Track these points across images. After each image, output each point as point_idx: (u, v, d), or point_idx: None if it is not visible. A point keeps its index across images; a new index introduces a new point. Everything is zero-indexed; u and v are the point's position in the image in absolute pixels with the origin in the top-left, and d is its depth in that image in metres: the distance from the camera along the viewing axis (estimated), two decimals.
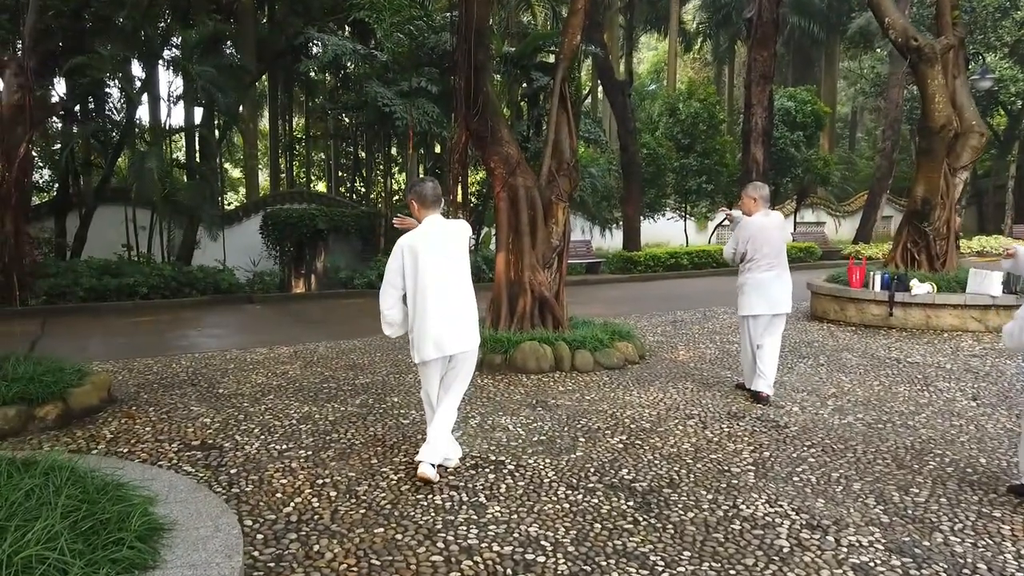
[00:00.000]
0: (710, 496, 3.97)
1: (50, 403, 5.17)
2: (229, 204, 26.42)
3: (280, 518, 3.64)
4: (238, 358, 7.84)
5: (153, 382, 6.69)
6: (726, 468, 4.39)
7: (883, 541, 3.45)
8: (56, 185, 17.22)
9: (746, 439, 4.93)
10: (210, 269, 14.81)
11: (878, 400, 5.96)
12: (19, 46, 13.53)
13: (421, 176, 4.53)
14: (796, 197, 25.30)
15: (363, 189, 29.46)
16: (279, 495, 3.91)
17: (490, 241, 19.03)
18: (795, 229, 25.30)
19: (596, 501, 3.89)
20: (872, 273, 9.58)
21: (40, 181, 17.91)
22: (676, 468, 4.38)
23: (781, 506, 3.84)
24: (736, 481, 4.18)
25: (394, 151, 23.31)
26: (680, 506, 3.84)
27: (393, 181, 27.79)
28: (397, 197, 26.27)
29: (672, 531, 3.55)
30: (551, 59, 19.45)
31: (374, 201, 25.80)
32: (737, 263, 6.01)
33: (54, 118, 16.45)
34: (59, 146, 15.68)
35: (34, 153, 16.86)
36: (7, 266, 9.61)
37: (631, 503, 3.87)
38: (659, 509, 3.80)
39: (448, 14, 16.51)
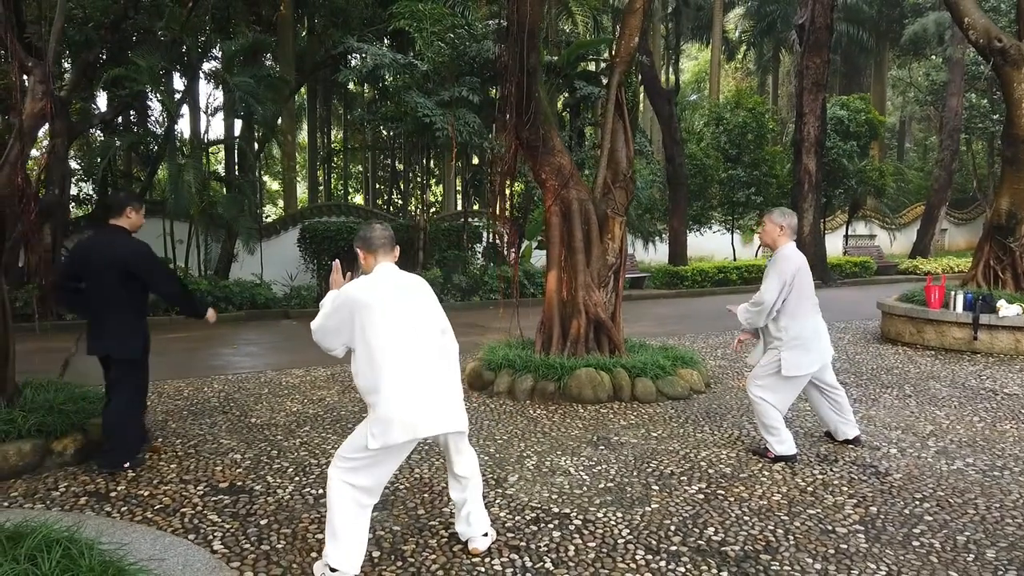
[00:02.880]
0: (818, 565, 3.35)
1: (69, 436, 4.75)
2: (267, 217, 26.31)
3: None
4: (273, 381, 7.40)
5: (183, 408, 6.26)
6: (829, 527, 3.76)
7: None
8: (95, 198, 17.16)
9: (845, 489, 4.29)
10: (247, 283, 14.52)
11: (985, 440, 5.27)
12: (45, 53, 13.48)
13: (368, 222, 3.40)
14: (848, 209, 24.34)
15: (400, 201, 29.26)
16: (315, 554, 3.39)
17: (531, 255, 18.52)
18: (847, 243, 24.35)
19: (683, 570, 3.30)
20: (953, 293, 8.82)
21: (80, 194, 17.88)
22: (771, 527, 3.76)
23: None
24: (845, 545, 3.55)
25: (432, 163, 22.99)
26: None
27: (431, 193, 27.51)
28: (435, 209, 25.97)
29: None
30: (592, 67, 18.99)
31: (412, 213, 25.49)
32: (768, 314, 4.73)
33: (94, 130, 16.38)
34: (99, 159, 15.57)
35: (74, 166, 16.88)
36: (45, 281, 9.40)
37: (725, 574, 3.27)
38: None
39: (490, 22, 16.11)
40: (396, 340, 3.09)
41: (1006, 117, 9.34)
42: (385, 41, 21.12)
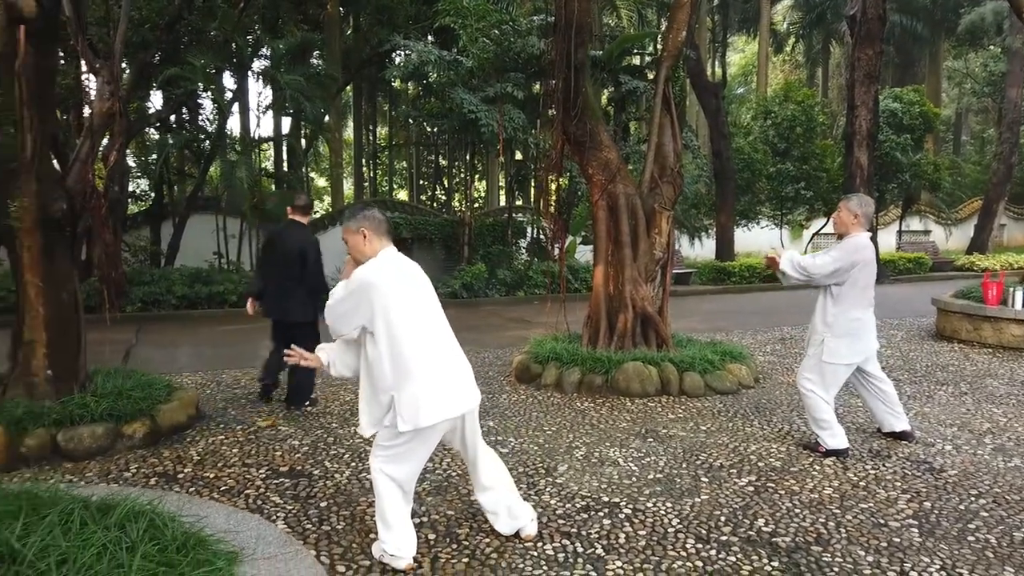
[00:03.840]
0: (870, 558, 3.35)
1: (138, 420, 4.97)
2: (315, 213, 26.80)
3: (375, 564, 3.24)
4: (325, 373, 7.56)
5: (241, 396, 6.48)
6: (882, 521, 3.74)
7: None
8: (151, 194, 17.70)
9: (898, 484, 4.26)
10: None
11: None
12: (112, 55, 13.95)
13: (362, 203, 3.20)
14: (902, 204, 23.75)
15: (444, 197, 29.51)
16: (373, 535, 3.50)
17: (575, 250, 18.52)
18: (901, 239, 23.78)
19: (734, 559, 3.33)
20: (1012, 289, 8.59)
21: (137, 191, 18.47)
22: (822, 519, 3.76)
23: (961, 574, 3.20)
24: (898, 539, 3.54)
25: (475, 159, 23.13)
26: (836, 570, 3.24)
27: (475, 189, 27.68)
28: (479, 204, 26.13)
29: None
30: (637, 61, 18.88)
31: (455, 209, 25.70)
32: (824, 278, 4.68)
33: (150, 128, 16.89)
34: (154, 156, 16.07)
35: (131, 163, 17.45)
36: (105, 274, 9.77)
37: (776, 563, 3.29)
38: (811, 572, 3.21)
39: (534, 17, 16.15)
40: (416, 322, 3.12)
41: None
42: (429, 38, 21.33)
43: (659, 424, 5.52)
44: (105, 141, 5.34)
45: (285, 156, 21.64)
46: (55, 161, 5.23)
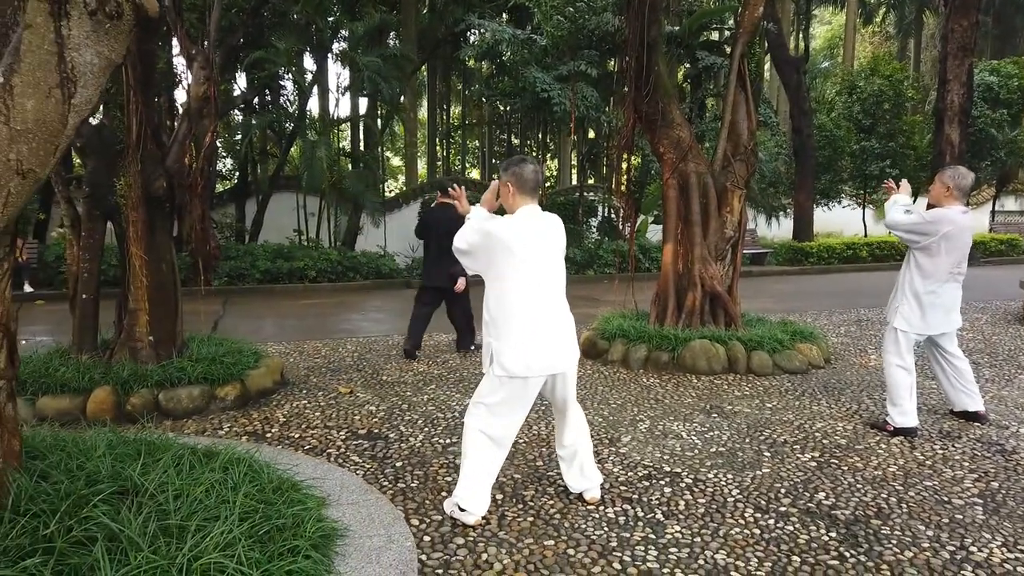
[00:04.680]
0: (930, 532, 3.38)
1: (229, 384, 5.36)
2: (390, 192, 27.44)
3: (446, 519, 3.46)
4: (400, 344, 7.90)
5: (321, 366, 6.85)
6: (945, 499, 3.75)
7: None
8: (236, 173, 18.51)
9: (966, 464, 4.23)
10: (372, 254, 15.35)
11: None
12: (205, 41, 14.62)
13: (520, 156, 3.40)
14: (996, 183, 22.57)
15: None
16: (444, 493, 3.74)
17: (646, 229, 18.42)
18: (994, 219, 22.65)
19: (791, 529, 3.42)
20: None
21: (223, 170, 19.33)
22: (884, 495, 3.80)
23: (1023, 551, 3.20)
24: (960, 516, 3.55)
25: (547, 137, 23.23)
26: (894, 542, 3.28)
27: (545, 168, 27.75)
28: (550, 184, 26.19)
29: (888, 573, 3.02)
30: (716, 36, 18.50)
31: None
32: (903, 239, 4.79)
33: (235, 110, 17.62)
34: (239, 137, 16.79)
35: (218, 143, 18.29)
36: (195, 249, 10.39)
37: (833, 534, 3.36)
38: (868, 544, 3.27)
39: None
40: (529, 283, 3.29)
41: None
42: (504, 16, 21.41)
43: (724, 401, 5.59)
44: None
45: (362, 136, 22.22)
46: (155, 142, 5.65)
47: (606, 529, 3.40)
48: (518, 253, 3.27)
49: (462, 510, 3.43)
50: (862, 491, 3.85)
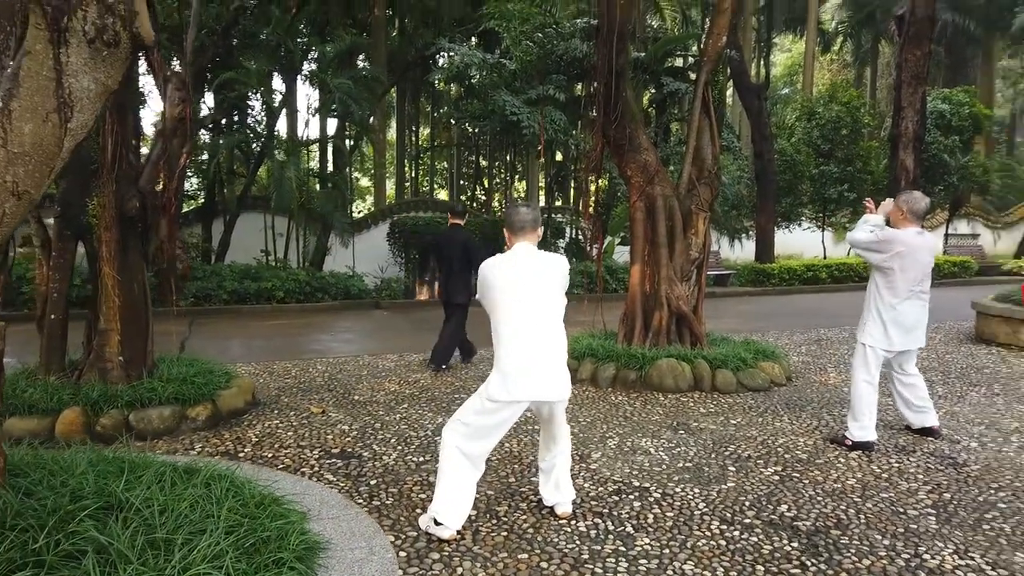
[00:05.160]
0: (886, 541, 3.54)
1: (201, 404, 5.36)
2: (359, 212, 27.42)
3: (421, 535, 3.53)
4: (370, 364, 7.95)
5: (292, 386, 6.86)
6: (901, 510, 3.92)
7: None
8: (202, 193, 18.36)
9: (920, 477, 4.42)
10: (341, 275, 15.32)
11: None
12: (176, 62, 14.58)
13: (515, 203, 3.72)
14: (949, 207, 23.35)
15: (483, 197, 29.88)
16: (419, 510, 3.81)
17: (613, 250, 18.70)
18: (947, 242, 23.39)
19: (755, 539, 3.55)
20: None
21: (189, 189, 19.17)
22: (843, 506, 3.96)
23: (973, 558, 3.37)
24: (915, 526, 3.72)
25: (515, 159, 23.48)
26: (853, 551, 3.44)
27: (513, 190, 27.99)
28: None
29: None
30: (680, 62, 18.96)
31: (495, 209, 26.03)
32: (862, 256, 5.09)
33: (202, 130, 17.53)
34: (205, 156, 16.69)
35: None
36: (163, 270, 10.32)
37: (795, 544, 3.50)
38: (828, 554, 3.41)
39: (577, 20, 16.37)
40: (517, 315, 3.47)
41: None
42: (472, 41, 21.69)
43: (690, 418, 5.74)
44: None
45: (330, 157, 22.20)
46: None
47: (578, 543, 3.50)
48: (503, 288, 3.49)
49: (438, 524, 3.50)
50: (822, 503, 4.01)
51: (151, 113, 36.71)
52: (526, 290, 3.50)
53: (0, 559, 1.96)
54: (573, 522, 3.72)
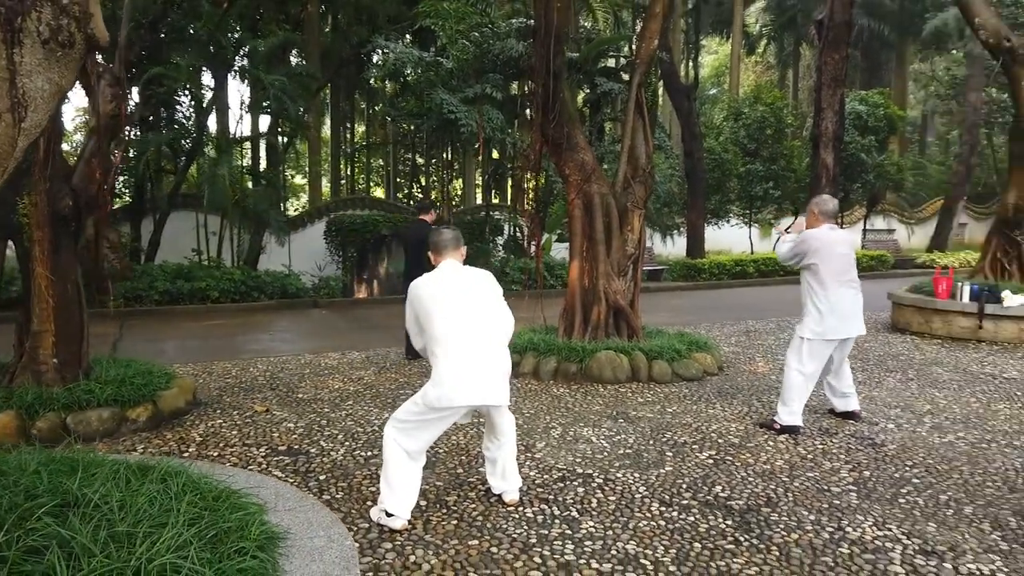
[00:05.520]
0: (812, 517, 3.80)
1: (141, 405, 5.29)
2: (295, 210, 26.96)
3: (373, 526, 3.61)
4: (313, 363, 7.92)
5: (233, 386, 6.80)
6: (825, 488, 4.20)
7: (1005, 570, 3.25)
8: (130, 191, 17.78)
9: (843, 457, 4.73)
10: (277, 274, 15.11)
11: (978, 418, 5.67)
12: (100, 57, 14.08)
13: (439, 228, 3.91)
14: (866, 204, 24.52)
15: (420, 195, 29.81)
16: (369, 503, 3.88)
17: (551, 247, 18.96)
18: (865, 237, 24.54)
19: (692, 519, 3.76)
20: (960, 284, 9.17)
21: (116, 187, 18.54)
22: (772, 486, 4.22)
23: (890, 529, 3.66)
24: (838, 502, 4.00)
25: (451, 157, 23.52)
26: (782, 527, 3.68)
27: (450, 188, 28.03)
28: (456, 203, 26.45)
29: (777, 553, 3.40)
30: (612, 63, 19.35)
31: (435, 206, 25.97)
32: (793, 266, 5.48)
33: (129, 127, 16.98)
34: (132, 153, 16.17)
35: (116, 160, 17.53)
36: (89, 270, 10.00)
37: (729, 522, 3.73)
38: (760, 529, 3.65)
39: (512, 20, 16.53)
40: (451, 326, 3.58)
41: (1014, 114, 9.66)
42: (407, 38, 21.59)
43: (629, 407, 5.96)
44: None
45: (263, 154, 21.78)
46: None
47: (526, 528, 3.64)
48: (435, 303, 3.63)
49: (389, 515, 3.59)
50: (754, 483, 4.26)
51: (71, 109, 35.21)
52: (456, 303, 3.64)
53: None
54: (521, 509, 3.86)
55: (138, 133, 17.11)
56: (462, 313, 3.63)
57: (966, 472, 4.46)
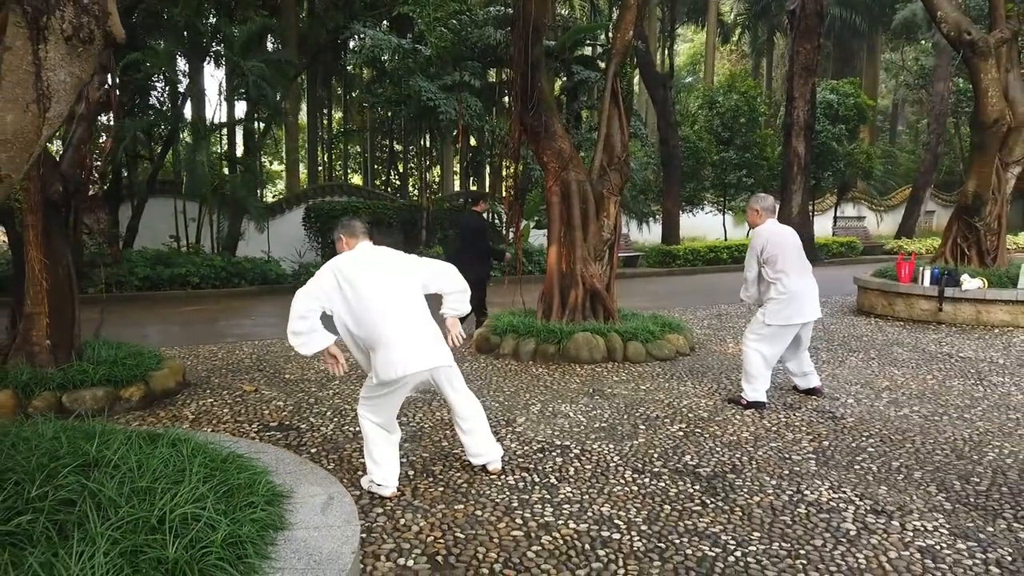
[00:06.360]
0: (773, 482, 4.09)
1: (133, 385, 5.46)
2: (275, 196, 26.89)
3: (364, 494, 3.84)
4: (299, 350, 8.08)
5: (221, 367, 6.97)
6: (786, 456, 4.50)
7: (947, 526, 3.55)
8: (108, 178, 17.70)
9: (804, 429, 5.04)
10: (258, 260, 15.19)
11: (933, 394, 6.02)
12: None
13: (346, 219, 4.00)
14: (837, 191, 25.05)
15: (398, 182, 29.86)
16: (360, 472, 4.11)
17: (529, 234, 19.20)
18: (835, 224, 25.07)
19: (663, 484, 4.04)
20: (921, 268, 9.56)
21: (97, 174, 18.42)
22: (738, 455, 4.51)
23: (844, 492, 3.95)
24: (798, 468, 4.30)
25: (429, 144, 23.63)
26: (745, 490, 3.97)
27: (428, 175, 28.12)
28: (433, 189, 26.58)
29: (740, 514, 3.68)
30: (589, 51, 19.57)
31: (410, 194, 26.11)
32: (754, 284, 5.63)
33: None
34: (104, 139, 16.10)
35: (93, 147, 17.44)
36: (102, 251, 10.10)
37: (697, 487, 4.01)
38: (725, 493, 3.93)
39: (490, 8, 16.66)
40: (375, 303, 3.71)
41: (974, 105, 10.05)
42: (384, 24, 21.61)
43: (605, 385, 6.24)
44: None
45: (240, 141, 21.71)
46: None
47: (508, 493, 3.89)
48: (360, 273, 3.74)
49: (378, 484, 3.82)
50: (720, 453, 4.55)
51: None
52: (377, 279, 3.78)
53: (0, 507, 2.16)
54: (503, 477, 4.11)
55: (111, 120, 17.04)
56: (386, 287, 3.76)
57: (918, 442, 4.79)
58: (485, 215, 9.21)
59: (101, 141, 5.71)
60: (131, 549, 2.01)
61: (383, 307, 3.73)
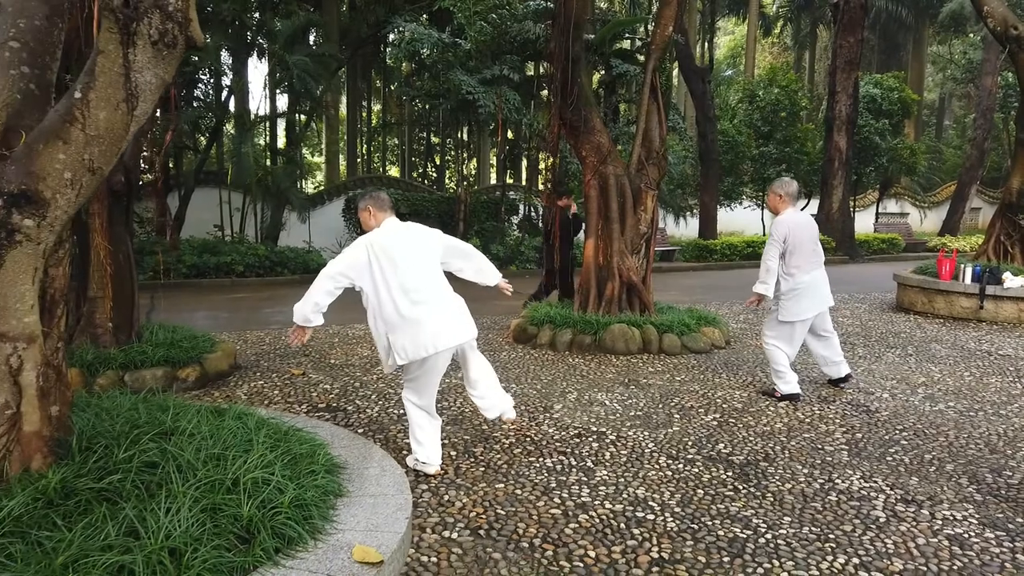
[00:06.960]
0: (805, 470, 4.20)
1: (190, 366, 5.74)
2: (315, 188, 27.38)
3: (409, 471, 4.03)
4: (341, 333, 8.37)
5: (269, 352, 7.25)
6: (819, 446, 4.60)
7: (977, 516, 3.63)
8: (167, 169, 18.25)
9: (838, 421, 5.12)
10: (299, 250, 15.57)
11: (969, 390, 6.03)
12: None
13: (371, 189, 4.01)
14: (879, 187, 24.67)
15: (435, 174, 30.16)
16: (405, 452, 4.32)
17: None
18: (877, 220, 24.71)
19: (696, 470, 4.17)
20: (963, 265, 9.48)
21: (146, 166, 18.98)
22: (771, 444, 4.61)
23: (876, 482, 4.05)
24: (830, 458, 4.39)
25: (466, 137, 23.85)
26: (777, 478, 4.08)
27: (465, 167, 28.36)
28: (470, 182, 26.79)
29: (771, 499, 3.80)
30: (628, 44, 19.55)
31: (447, 186, 26.36)
32: (774, 275, 5.54)
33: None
34: (163, 132, 16.61)
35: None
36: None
37: (730, 473, 4.13)
38: (757, 479, 4.05)
39: (530, 3, 16.76)
40: (403, 280, 3.77)
41: (1020, 101, 9.89)
42: (424, 18, 21.83)
43: (640, 375, 6.37)
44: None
45: (282, 133, 22.15)
46: None
47: (546, 475, 4.06)
48: (391, 249, 3.79)
49: (423, 463, 4.02)
50: (754, 442, 4.66)
51: None
52: (406, 256, 3.85)
53: (93, 468, 2.39)
54: (540, 459, 4.28)
55: (160, 112, 17.56)
56: (415, 264, 3.82)
57: (952, 436, 4.84)
58: (570, 211, 9.38)
59: (161, 134, 5.96)
60: (211, 507, 2.22)
61: (415, 285, 3.81)
